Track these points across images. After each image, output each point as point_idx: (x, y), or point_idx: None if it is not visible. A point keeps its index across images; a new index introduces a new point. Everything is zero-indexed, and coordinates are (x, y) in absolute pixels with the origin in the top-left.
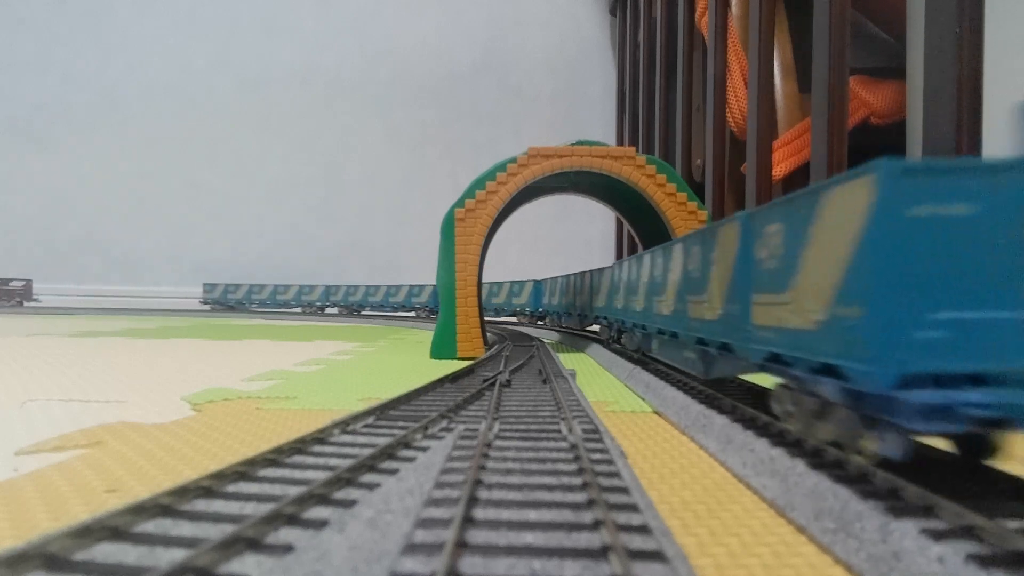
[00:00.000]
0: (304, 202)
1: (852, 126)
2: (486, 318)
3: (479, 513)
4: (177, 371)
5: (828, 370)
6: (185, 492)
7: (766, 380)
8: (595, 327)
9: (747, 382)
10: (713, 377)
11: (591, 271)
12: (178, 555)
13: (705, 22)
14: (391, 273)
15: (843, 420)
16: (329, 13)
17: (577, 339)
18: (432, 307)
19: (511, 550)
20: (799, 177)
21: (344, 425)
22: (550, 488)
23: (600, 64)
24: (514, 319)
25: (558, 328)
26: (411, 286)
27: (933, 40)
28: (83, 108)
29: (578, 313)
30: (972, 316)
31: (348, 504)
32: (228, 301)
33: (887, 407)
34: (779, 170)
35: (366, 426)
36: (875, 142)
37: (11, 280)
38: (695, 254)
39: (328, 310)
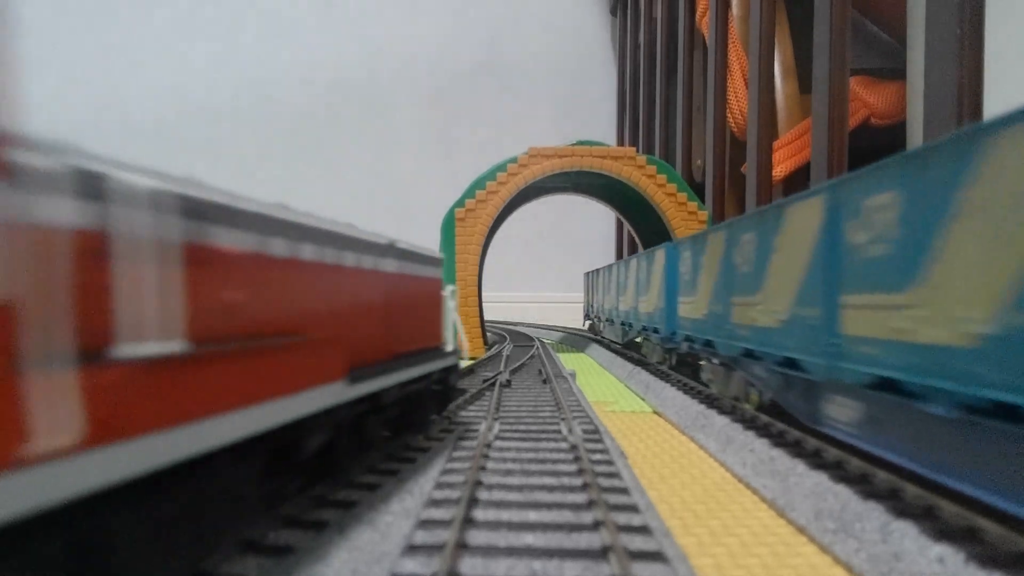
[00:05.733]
0: (304, 202)
1: (852, 126)
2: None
3: (479, 514)
4: None
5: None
6: None
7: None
8: None
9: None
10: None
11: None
12: None
13: (706, 22)
14: None
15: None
16: (329, 13)
17: (577, 339)
18: None
19: (511, 551)
20: (799, 177)
21: None
22: (550, 489)
23: (600, 64)
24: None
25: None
26: None
27: (933, 40)
28: (83, 108)
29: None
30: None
31: (349, 505)
32: None
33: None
34: (779, 170)
35: None
36: (875, 142)
37: None
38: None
39: None
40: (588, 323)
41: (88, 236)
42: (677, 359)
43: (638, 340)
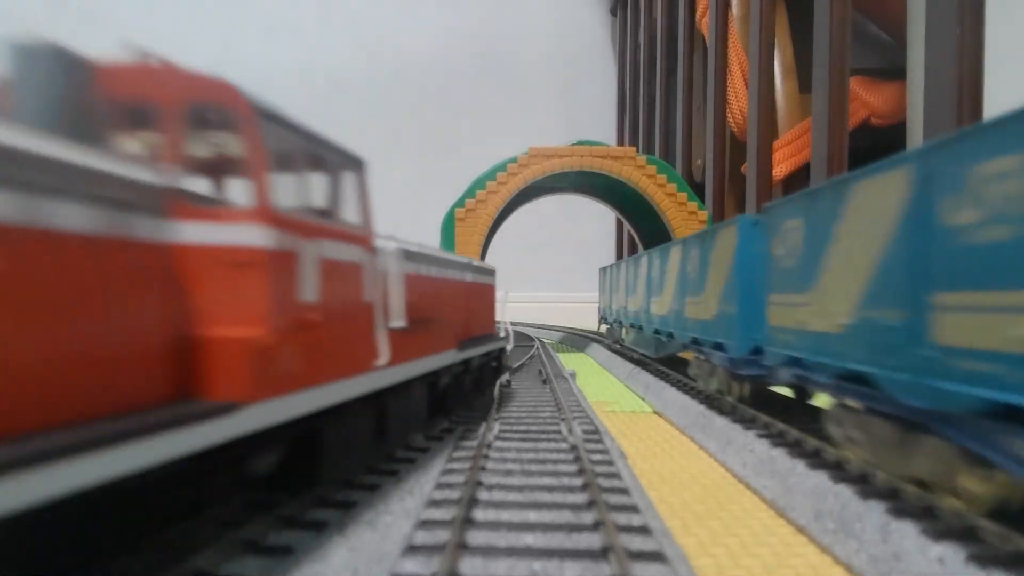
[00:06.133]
0: None
1: (852, 126)
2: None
3: (479, 515)
4: None
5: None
6: None
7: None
8: None
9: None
10: None
11: None
12: None
13: (706, 22)
14: None
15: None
16: (329, 13)
17: (577, 339)
18: None
19: (511, 551)
20: (799, 177)
21: None
22: (550, 489)
23: (600, 64)
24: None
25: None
26: None
27: (933, 40)
28: None
29: None
30: None
31: (349, 506)
32: None
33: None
34: (779, 170)
35: None
36: (875, 142)
37: None
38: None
39: None
40: (606, 327)
41: (390, 272)
42: (755, 391)
43: (682, 355)
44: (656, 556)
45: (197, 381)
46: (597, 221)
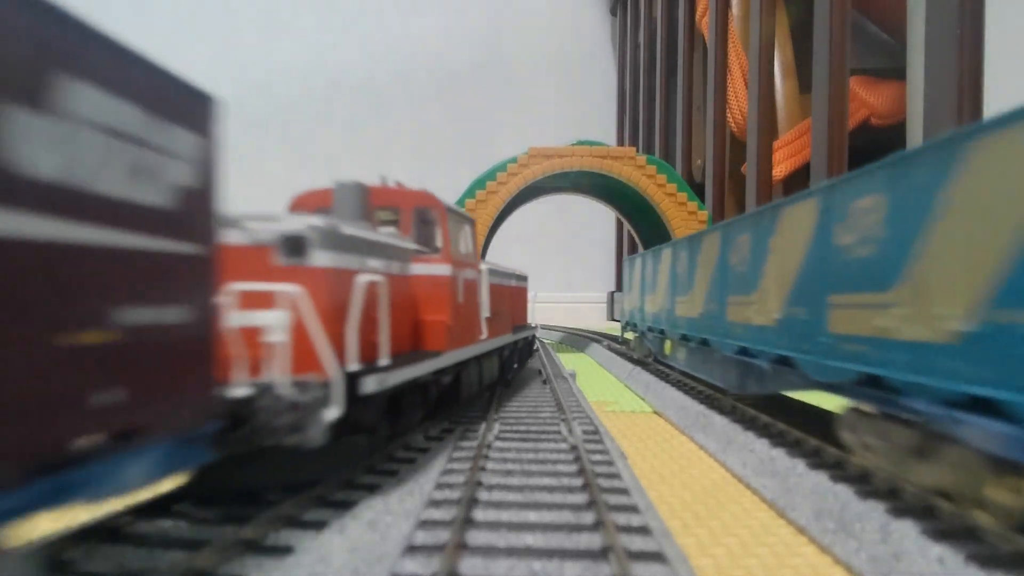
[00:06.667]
0: None
1: (852, 126)
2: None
3: (479, 515)
4: None
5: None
6: None
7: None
8: None
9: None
10: None
11: None
12: None
13: (705, 22)
14: None
15: None
16: (329, 13)
17: (577, 339)
18: None
19: (511, 551)
20: (799, 177)
21: None
22: (550, 489)
23: (600, 64)
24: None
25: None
26: None
27: (933, 40)
28: None
29: None
30: None
31: (349, 506)
32: None
33: None
34: (779, 170)
35: None
36: (875, 142)
37: None
38: None
39: None
40: (631, 335)
41: (484, 283)
42: None
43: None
44: (656, 556)
45: (422, 341)
46: (597, 221)
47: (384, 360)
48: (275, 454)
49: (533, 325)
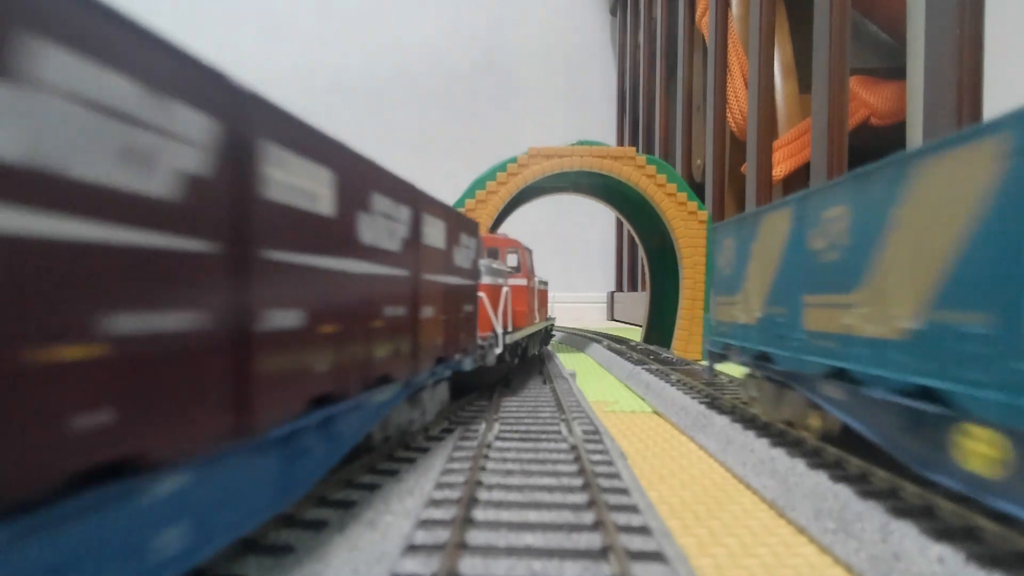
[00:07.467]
0: None
1: (852, 126)
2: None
3: (479, 515)
4: None
5: None
6: None
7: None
8: None
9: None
10: None
11: None
12: None
13: (705, 22)
14: None
15: None
16: (329, 13)
17: (577, 339)
18: None
19: (511, 551)
20: (799, 177)
21: None
22: (550, 489)
23: (600, 64)
24: None
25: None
26: None
27: (933, 40)
28: None
29: None
30: None
31: (349, 506)
32: None
33: None
34: (779, 170)
35: None
36: (875, 142)
37: None
38: None
39: None
40: (741, 366)
41: (536, 288)
42: None
43: None
44: (656, 556)
45: (513, 322)
46: (597, 221)
47: (510, 328)
48: (480, 369)
49: (552, 316)
